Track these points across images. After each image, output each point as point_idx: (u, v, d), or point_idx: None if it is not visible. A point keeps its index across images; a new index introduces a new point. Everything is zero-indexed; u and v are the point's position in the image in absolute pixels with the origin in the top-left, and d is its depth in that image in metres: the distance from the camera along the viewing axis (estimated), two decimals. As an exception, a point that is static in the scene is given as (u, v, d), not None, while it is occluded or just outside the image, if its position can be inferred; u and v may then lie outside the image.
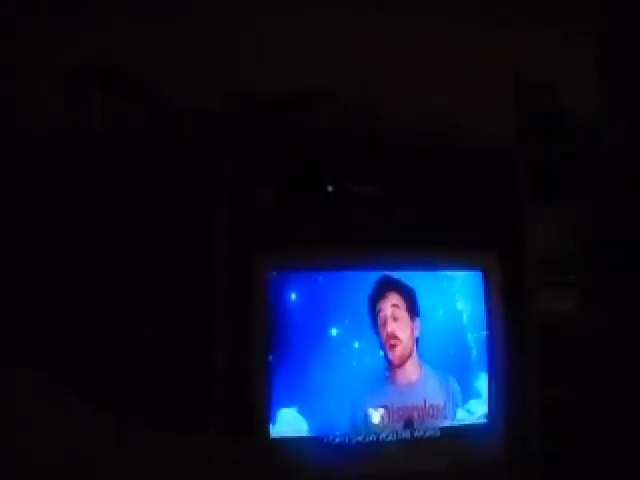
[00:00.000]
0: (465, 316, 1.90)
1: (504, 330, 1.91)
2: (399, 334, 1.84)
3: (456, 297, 1.90)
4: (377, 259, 1.86)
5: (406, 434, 1.82)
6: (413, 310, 1.86)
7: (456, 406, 1.88)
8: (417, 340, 1.86)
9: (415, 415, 1.84)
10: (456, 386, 1.89)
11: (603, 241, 2.10)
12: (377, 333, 1.82)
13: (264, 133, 1.87)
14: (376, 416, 1.81)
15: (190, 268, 1.86)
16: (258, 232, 1.86)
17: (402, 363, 1.84)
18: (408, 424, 1.83)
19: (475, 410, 1.90)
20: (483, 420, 1.89)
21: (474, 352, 1.90)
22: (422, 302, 1.87)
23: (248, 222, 1.86)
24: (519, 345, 1.93)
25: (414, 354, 1.85)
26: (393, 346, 1.83)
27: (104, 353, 1.80)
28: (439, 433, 1.85)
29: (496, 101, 2.14)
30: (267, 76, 2.03)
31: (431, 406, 1.85)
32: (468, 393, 1.90)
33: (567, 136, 2.05)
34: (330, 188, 1.95)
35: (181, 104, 1.92)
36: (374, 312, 1.83)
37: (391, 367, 1.83)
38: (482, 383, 1.91)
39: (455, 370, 1.89)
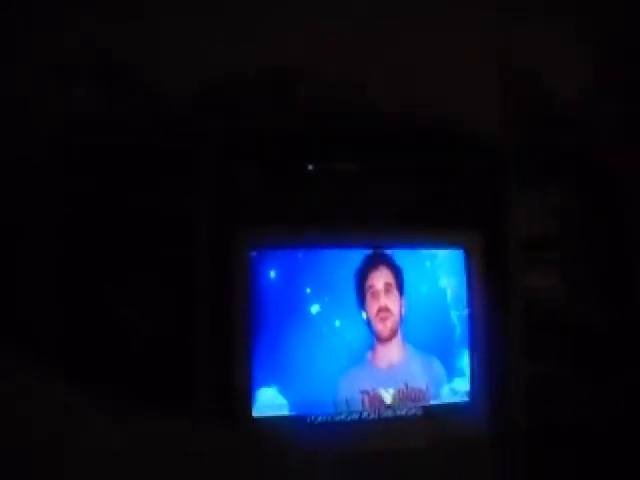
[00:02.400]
0: (448, 295, 1.90)
1: (487, 308, 1.91)
2: (391, 307, 1.84)
3: (439, 276, 1.90)
4: (359, 237, 1.86)
5: (389, 413, 1.82)
6: (401, 288, 1.86)
7: (439, 387, 1.88)
8: (402, 319, 1.85)
9: (396, 397, 1.83)
10: (440, 367, 1.88)
11: (586, 222, 2.10)
12: (363, 308, 1.82)
13: (247, 114, 1.88)
14: (356, 397, 1.80)
15: (173, 249, 1.86)
16: (241, 211, 1.85)
17: (390, 337, 1.83)
18: (389, 405, 1.83)
19: (459, 389, 1.90)
20: (466, 398, 1.89)
21: (458, 330, 1.90)
22: (407, 281, 1.87)
23: (231, 201, 1.86)
24: (502, 323, 1.93)
25: (400, 332, 1.85)
26: (384, 319, 1.83)
27: (87, 334, 1.80)
28: (422, 412, 1.85)
29: (481, 85, 2.14)
30: (250, 57, 2.02)
31: (412, 389, 1.85)
32: (452, 372, 1.89)
33: (551, 119, 2.05)
34: (312, 167, 1.95)
35: (164, 88, 1.93)
36: (363, 286, 1.83)
37: (376, 343, 1.82)
38: (466, 361, 1.90)
39: (439, 350, 1.88)
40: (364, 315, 1.82)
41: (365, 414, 1.81)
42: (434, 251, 1.91)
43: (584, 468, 1.99)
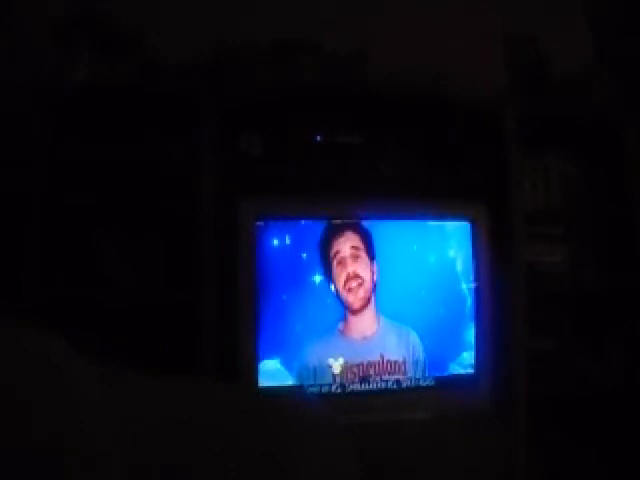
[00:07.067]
0: (457, 267, 1.87)
1: (492, 281, 1.90)
2: (361, 273, 1.78)
3: (446, 248, 1.87)
4: (364, 208, 1.84)
5: (392, 385, 1.81)
6: (371, 252, 1.79)
7: (417, 359, 1.82)
8: (375, 286, 1.78)
9: (371, 371, 1.79)
10: (416, 339, 1.82)
11: (589, 194, 2.08)
12: (330, 279, 1.75)
13: (251, 84, 1.87)
14: (333, 369, 1.78)
15: (178, 219, 1.87)
16: (245, 182, 1.85)
17: (363, 307, 1.78)
18: (365, 378, 1.78)
19: (465, 361, 1.88)
20: (470, 370, 1.88)
21: (468, 303, 1.87)
22: (403, 250, 1.82)
23: (235, 172, 1.85)
24: (506, 296, 1.92)
25: (373, 302, 1.79)
26: (353, 289, 1.76)
27: (92, 302, 1.80)
28: (433, 382, 1.83)
29: (484, 54, 2.12)
30: (255, 27, 2.01)
31: (388, 361, 1.80)
32: (460, 344, 1.87)
33: (554, 89, 2.03)
34: (318, 138, 1.93)
35: (168, 55, 1.92)
36: (328, 255, 1.76)
37: (348, 314, 1.77)
38: (472, 334, 1.88)
39: (440, 322, 1.85)
40: (332, 287, 1.76)
41: (373, 385, 1.79)
42: (440, 223, 1.88)
43: (584, 437, 2.00)
